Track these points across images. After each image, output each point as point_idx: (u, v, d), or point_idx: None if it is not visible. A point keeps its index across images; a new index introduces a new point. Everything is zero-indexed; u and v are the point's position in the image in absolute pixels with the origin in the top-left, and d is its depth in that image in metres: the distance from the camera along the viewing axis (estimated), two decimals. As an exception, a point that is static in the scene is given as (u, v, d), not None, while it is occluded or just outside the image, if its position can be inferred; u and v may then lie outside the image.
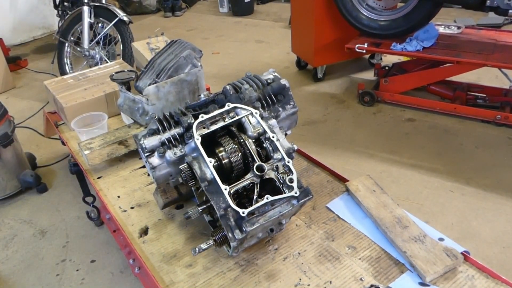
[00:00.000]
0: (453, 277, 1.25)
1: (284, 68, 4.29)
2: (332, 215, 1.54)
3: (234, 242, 1.17)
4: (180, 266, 1.38)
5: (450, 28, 3.37)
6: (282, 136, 1.32)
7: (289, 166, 1.22)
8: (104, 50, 3.87)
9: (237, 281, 1.31)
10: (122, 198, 1.74)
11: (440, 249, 1.30)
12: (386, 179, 2.57)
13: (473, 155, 2.73)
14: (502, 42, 3.05)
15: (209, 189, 1.20)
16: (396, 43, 3.12)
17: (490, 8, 2.70)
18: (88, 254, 2.21)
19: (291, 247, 1.41)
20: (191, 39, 2.25)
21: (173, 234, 1.52)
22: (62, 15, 4.27)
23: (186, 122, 1.29)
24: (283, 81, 1.49)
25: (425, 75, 3.21)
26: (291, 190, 1.19)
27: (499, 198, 2.35)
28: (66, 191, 2.74)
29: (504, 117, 2.89)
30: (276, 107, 1.45)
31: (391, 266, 1.32)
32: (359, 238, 1.43)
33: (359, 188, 1.59)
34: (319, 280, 1.28)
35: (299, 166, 1.82)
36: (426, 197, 2.40)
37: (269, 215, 1.18)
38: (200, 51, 1.97)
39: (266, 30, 5.56)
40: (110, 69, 2.65)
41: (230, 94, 1.42)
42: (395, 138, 2.99)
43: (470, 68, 2.95)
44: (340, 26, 3.54)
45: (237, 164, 1.27)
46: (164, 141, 1.31)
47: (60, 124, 2.41)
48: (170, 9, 6.58)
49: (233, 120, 1.30)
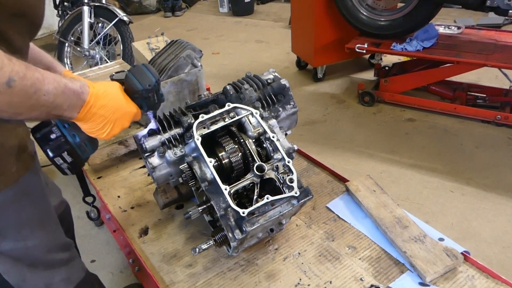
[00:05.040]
0: (453, 277, 1.25)
1: (284, 68, 4.29)
2: (332, 215, 1.54)
3: (234, 242, 1.17)
4: (180, 266, 1.38)
5: (450, 28, 3.37)
6: (282, 136, 1.32)
7: (289, 166, 1.22)
8: (104, 50, 3.87)
9: (237, 281, 1.31)
10: (122, 198, 1.74)
11: (440, 249, 1.31)
12: (386, 179, 2.57)
13: (473, 155, 2.73)
14: (502, 42, 3.05)
15: (209, 189, 1.20)
16: (396, 43, 3.12)
17: (490, 8, 2.70)
18: (88, 254, 2.21)
19: (291, 247, 1.41)
20: (191, 39, 2.25)
21: (173, 234, 1.52)
22: (62, 15, 4.27)
23: (186, 122, 1.29)
24: (283, 81, 1.49)
25: (425, 75, 3.21)
26: (291, 190, 1.19)
27: (499, 198, 2.35)
28: (66, 191, 2.72)
29: (504, 117, 2.89)
30: (276, 107, 1.45)
31: (391, 266, 1.32)
32: (359, 238, 1.43)
33: (359, 188, 1.59)
34: (319, 280, 1.28)
35: (299, 166, 1.82)
36: (426, 197, 2.40)
37: (269, 215, 1.18)
38: (200, 51, 1.97)
39: (266, 30, 5.56)
40: (110, 69, 2.65)
41: (230, 94, 1.42)
42: (395, 138, 2.99)
43: (470, 68, 2.95)
44: (340, 26, 3.54)
45: (237, 164, 1.27)
46: (164, 141, 1.31)
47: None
48: (170, 9, 6.59)
49: (233, 120, 1.30)
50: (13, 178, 1.00)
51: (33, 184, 1.08)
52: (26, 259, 1.13)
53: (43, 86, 0.85)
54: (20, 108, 0.84)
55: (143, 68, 1.12)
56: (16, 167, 1.00)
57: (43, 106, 0.87)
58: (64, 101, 0.92)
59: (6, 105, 0.80)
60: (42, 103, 0.86)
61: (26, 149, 1.04)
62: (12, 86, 0.78)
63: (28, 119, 0.90)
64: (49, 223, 1.18)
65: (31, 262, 1.14)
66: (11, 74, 0.78)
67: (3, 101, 0.79)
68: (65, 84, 0.91)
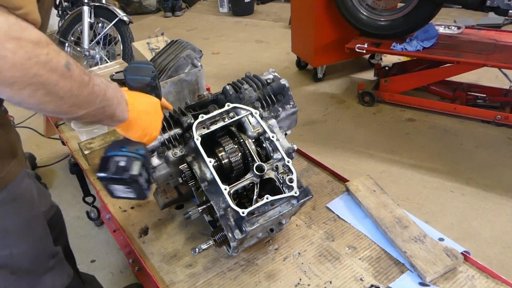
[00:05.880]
0: (453, 277, 1.25)
1: (284, 68, 4.29)
2: (332, 215, 1.54)
3: (234, 242, 1.17)
4: (180, 266, 1.38)
5: (450, 28, 3.37)
6: (282, 136, 1.32)
7: (289, 166, 1.22)
8: (104, 50, 3.87)
9: (237, 281, 1.31)
10: (122, 198, 1.74)
11: (440, 249, 1.30)
12: (386, 179, 2.57)
13: (473, 155, 2.73)
14: (502, 42, 3.05)
15: (209, 189, 1.20)
16: (396, 43, 3.12)
17: (490, 8, 2.70)
18: (88, 254, 2.21)
19: (291, 247, 1.41)
20: (191, 39, 2.25)
21: (173, 234, 1.52)
22: (62, 15, 4.27)
23: (185, 122, 1.29)
24: (283, 81, 1.49)
25: (425, 75, 3.21)
26: (291, 190, 1.19)
27: (499, 198, 2.35)
28: (66, 191, 2.74)
29: (504, 117, 2.89)
30: (276, 107, 1.45)
31: (391, 266, 1.32)
32: (359, 238, 1.43)
33: (359, 188, 1.59)
34: (319, 280, 1.28)
35: (299, 166, 1.82)
36: (426, 197, 2.40)
37: (269, 215, 1.18)
38: (200, 51, 1.97)
39: (266, 30, 5.56)
40: (110, 69, 2.64)
41: (230, 94, 1.42)
42: (395, 138, 2.99)
43: (470, 68, 2.95)
44: (340, 26, 3.54)
45: (237, 164, 1.27)
46: (164, 141, 1.31)
47: (60, 124, 2.41)
48: (170, 9, 6.58)
49: (233, 120, 1.30)
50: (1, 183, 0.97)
51: (21, 191, 1.05)
52: (10, 267, 1.09)
53: (92, 76, 0.83)
54: (79, 97, 0.79)
55: (136, 65, 1.12)
56: (4, 173, 0.97)
57: (97, 98, 0.84)
58: (113, 95, 0.89)
59: (67, 92, 0.76)
60: (97, 94, 0.83)
61: (16, 155, 1.01)
62: (70, 69, 0.75)
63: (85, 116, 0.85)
64: (37, 230, 1.15)
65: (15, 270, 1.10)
66: (67, 57, 0.76)
67: (65, 86, 0.75)
68: (105, 80, 0.89)
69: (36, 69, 0.69)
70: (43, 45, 0.71)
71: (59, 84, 0.74)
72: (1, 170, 0.96)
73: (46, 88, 0.72)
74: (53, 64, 0.72)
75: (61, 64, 0.74)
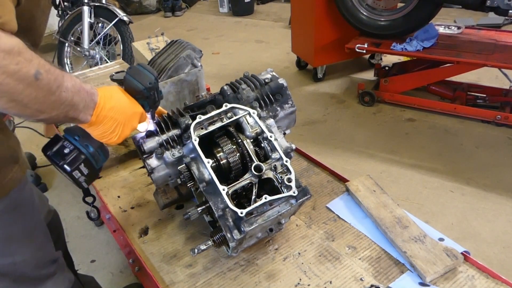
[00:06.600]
0: (453, 277, 1.25)
1: (284, 68, 4.29)
2: (332, 215, 1.54)
3: (233, 242, 1.17)
4: (180, 266, 1.38)
5: (450, 28, 3.36)
6: (280, 135, 1.32)
7: (287, 166, 1.22)
8: (104, 50, 3.87)
9: (237, 281, 1.31)
10: (122, 198, 1.74)
11: (440, 249, 1.30)
12: (386, 179, 2.57)
13: (473, 155, 2.73)
14: (502, 42, 3.05)
15: (207, 189, 1.20)
16: (396, 43, 3.12)
17: (490, 8, 2.70)
18: (88, 254, 2.21)
19: (291, 247, 1.41)
20: (191, 39, 2.25)
21: (173, 234, 1.52)
22: (62, 15, 4.27)
23: (184, 123, 1.29)
24: (281, 81, 1.49)
25: (425, 75, 3.21)
26: (289, 189, 1.19)
27: (499, 198, 2.34)
28: (66, 191, 2.74)
29: (504, 117, 2.88)
30: (274, 106, 1.45)
31: (391, 266, 1.31)
32: (359, 238, 1.43)
33: (359, 188, 1.59)
34: (319, 280, 1.28)
35: (299, 166, 1.82)
36: (426, 197, 2.40)
37: (268, 215, 1.18)
38: (200, 51, 1.97)
39: (266, 30, 5.56)
40: (110, 69, 2.65)
41: (228, 94, 1.41)
42: (395, 138, 2.98)
43: (470, 68, 2.95)
44: (340, 26, 3.53)
45: (235, 164, 1.27)
46: (162, 143, 1.31)
47: (60, 124, 2.41)
48: (170, 9, 6.59)
49: (231, 120, 1.30)
50: (3, 191, 0.96)
51: (23, 198, 1.05)
52: (12, 274, 1.09)
53: (64, 82, 0.85)
54: (43, 104, 0.82)
55: (140, 68, 1.12)
56: (7, 179, 0.96)
57: (62, 104, 0.86)
58: (80, 100, 0.91)
59: (32, 100, 0.79)
60: (63, 100, 0.86)
61: (17, 161, 1.00)
62: (39, 79, 0.77)
63: (47, 119, 0.88)
64: (39, 237, 1.14)
65: (17, 277, 1.10)
66: (38, 66, 0.77)
67: (30, 95, 0.77)
68: (80, 84, 0.91)
69: (3, 78, 0.71)
70: (14, 54, 0.73)
71: (24, 92, 0.76)
72: (4, 177, 0.96)
73: (10, 96, 0.75)
74: (22, 74, 0.74)
75: (30, 74, 0.76)
